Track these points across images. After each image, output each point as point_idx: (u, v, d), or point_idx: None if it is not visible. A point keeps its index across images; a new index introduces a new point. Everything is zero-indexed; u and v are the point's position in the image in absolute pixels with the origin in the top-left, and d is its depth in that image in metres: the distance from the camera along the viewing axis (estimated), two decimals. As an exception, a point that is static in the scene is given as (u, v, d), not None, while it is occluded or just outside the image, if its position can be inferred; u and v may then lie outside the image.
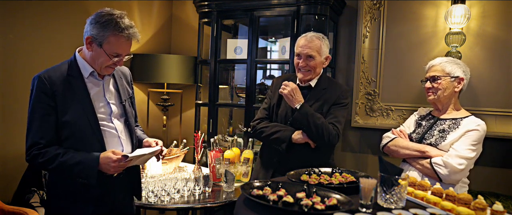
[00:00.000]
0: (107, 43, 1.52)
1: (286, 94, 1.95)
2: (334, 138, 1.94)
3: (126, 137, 1.70)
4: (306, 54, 1.99)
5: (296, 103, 1.93)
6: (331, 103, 2.01)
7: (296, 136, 1.96)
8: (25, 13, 2.42)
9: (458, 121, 1.89)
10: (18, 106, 2.42)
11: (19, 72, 2.40)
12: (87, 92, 1.58)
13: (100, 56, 1.55)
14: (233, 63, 3.21)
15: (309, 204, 1.21)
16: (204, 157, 2.87)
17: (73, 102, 1.54)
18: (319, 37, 2.03)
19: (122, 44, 1.55)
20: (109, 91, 1.68)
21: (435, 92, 1.93)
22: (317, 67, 2.02)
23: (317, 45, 2.00)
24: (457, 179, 1.79)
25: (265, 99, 2.20)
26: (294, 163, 1.96)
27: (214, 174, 2.57)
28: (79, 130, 1.54)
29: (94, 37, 1.53)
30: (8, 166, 2.38)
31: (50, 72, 1.55)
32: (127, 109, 1.73)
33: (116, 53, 1.55)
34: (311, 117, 1.89)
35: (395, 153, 1.99)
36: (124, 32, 1.52)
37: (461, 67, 1.92)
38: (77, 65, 1.60)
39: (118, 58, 1.57)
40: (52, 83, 1.51)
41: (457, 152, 1.78)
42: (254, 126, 2.13)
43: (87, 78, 1.60)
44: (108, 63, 1.57)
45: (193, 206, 2.20)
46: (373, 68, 2.97)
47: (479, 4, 2.64)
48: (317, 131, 1.89)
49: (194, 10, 3.37)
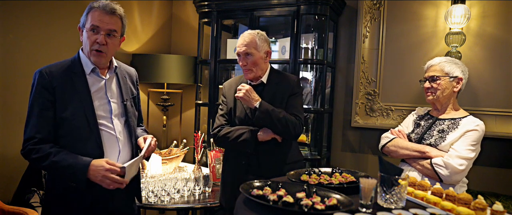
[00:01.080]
0: (87, 20, 1.56)
1: (242, 97, 1.92)
2: (299, 128, 1.95)
3: (124, 138, 1.68)
4: (243, 53, 1.98)
5: (254, 103, 1.91)
6: (287, 95, 2.01)
7: (261, 134, 1.95)
8: (25, 13, 2.42)
9: (457, 121, 1.89)
10: (18, 106, 2.42)
11: (19, 72, 2.40)
12: (87, 89, 1.57)
13: (84, 39, 1.58)
14: (233, 63, 3.21)
15: (309, 204, 1.21)
16: (204, 157, 2.87)
17: (72, 98, 1.54)
18: (253, 33, 2.02)
19: (96, 16, 1.55)
20: (111, 90, 1.66)
21: (434, 93, 1.93)
22: (258, 64, 2.00)
23: (252, 41, 1.99)
24: (458, 180, 1.79)
25: (220, 106, 2.15)
26: (264, 161, 1.98)
27: (214, 174, 2.57)
28: (76, 127, 1.53)
29: (81, 25, 1.60)
30: (8, 166, 2.38)
31: (51, 68, 1.56)
32: (129, 108, 1.71)
33: (92, 25, 1.54)
34: (272, 112, 1.89)
35: (394, 153, 1.99)
36: (98, 6, 1.56)
37: (460, 67, 1.92)
38: (80, 62, 1.60)
39: (98, 34, 1.55)
40: (52, 78, 1.52)
41: (458, 152, 1.78)
42: (215, 134, 2.06)
43: (89, 75, 1.60)
44: (91, 43, 1.55)
45: (193, 206, 2.20)
46: (373, 68, 2.97)
47: (479, 4, 2.64)
48: (281, 125, 1.89)
49: (194, 10, 3.37)
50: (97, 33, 1.55)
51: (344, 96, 3.13)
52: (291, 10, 2.77)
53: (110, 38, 1.58)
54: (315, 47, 2.91)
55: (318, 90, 2.93)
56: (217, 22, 3.03)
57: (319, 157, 2.84)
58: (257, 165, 1.99)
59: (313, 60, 2.87)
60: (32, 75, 1.57)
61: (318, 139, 2.89)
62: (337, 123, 3.16)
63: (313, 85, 2.98)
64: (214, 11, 3.02)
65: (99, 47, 1.56)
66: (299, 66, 2.79)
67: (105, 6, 1.56)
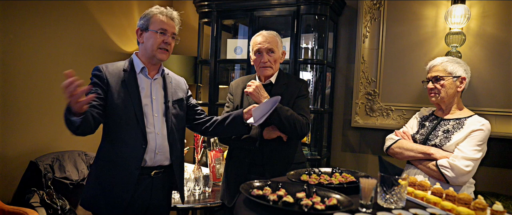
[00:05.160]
0: (152, 23, 1.75)
1: (252, 92, 1.93)
2: (305, 128, 1.94)
3: (163, 135, 1.78)
4: (267, 49, 1.98)
5: (262, 99, 1.91)
6: (295, 97, 2.01)
7: (267, 132, 1.95)
8: (25, 13, 2.42)
9: (462, 120, 1.86)
10: (18, 106, 2.42)
11: (19, 72, 2.40)
12: (136, 85, 1.74)
13: (149, 39, 1.75)
14: (233, 63, 3.21)
15: (309, 204, 1.21)
16: (204, 157, 2.87)
17: (123, 93, 1.70)
18: (273, 33, 2.04)
19: (164, 20, 1.76)
20: (156, 90, 1.80)
21: (438, 93, 1.91)
22: (277, 62, 2.03)
23: (274, 39, 2.00)
24: (465, 181, 1.76)
25: (226, 104, 2.16)
26: (267, 160, 1.97)
27: (214, 174, 2.57)
28: (124, 118, 1.68)
29: (141, 27, 1.78)
30: (8, 166, 2.38)
31: (108, 64, 1.76)
32: (170, 109, 1.82)
33: (161, 28, 1.74)
34: (280, 110, 1.89)
35: (399, 155, 1.96)
36: (162, 12, 1.79)
37: (462, 66, 1.90)
38: (132, 63, 1.79)
39: (166, 36, 1.75)
40: (107, 72, 1.71)
41: (463, 153, 1.75)
42: None
43: (138, 74, 1.77)
44: (158, 42, 1.74)
45: (193, 206, 2.20)
46: (373, 68, 2.97)
47: (479, 4, 2.64)
48: (289, 123, 1.89)
49: (194, 10, 3.37)
50: (164, 35, 1.76)
51: (344, 96, 3.13)
52: (291, 10, 2.77)
53: (173, 39, 1.82)
54: (315, 47, 2.91)
55: (318, 90, 2.93)
56: (217, 22, 3.03)
57: (319, 157, 2.84)
58: (261, 164, 1.98)
59: (313, 60, 2.88)
60: (32, 75, 1.58)
61: (318, 139, 2.89)
62: (337, 123, 3.16)
63: (313, 85, 2.98)
64: (214, 11, 3.02)
65: (166, 46, 1.77)
66: (299, 66, 2.79)
67: (168, 13, 1.80)
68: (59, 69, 2.62)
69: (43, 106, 2.56)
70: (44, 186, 2.35)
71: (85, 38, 2.84)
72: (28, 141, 2.50)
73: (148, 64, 1.79)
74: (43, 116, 2.56)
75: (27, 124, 2.48)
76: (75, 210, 2.45)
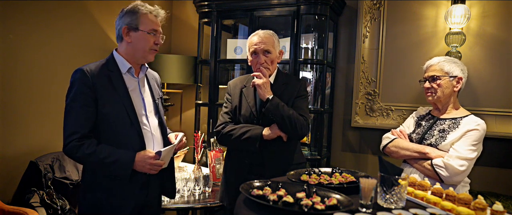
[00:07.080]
0: (142, 23, 1.65)
1: (260, 84, 1.91)
2: (305, 128, 1.94)
3: (158, 134, 1.77)
4: (262, 50, 1.97)
5: (267, 94, 1.91)
6: (294, 97, 2.01)
7: (267, 132, 1.93)
8: (25, 13, 2.42)
9: (458, 120, 1.88)
10: (18, 106, 2.42)
11: (19, 73, 2.40)
12: (125, 87, 1.66)
13: (140, 40, 1.66)
14: (233, 63, 3.21)
15: (309, 204, 1.21)
16: (204, 157, 2.87)
17: (113, 96, 1.62)
18: (269, 32, 2.01)
19: (154, 21, 1.68)
20: (144, 89, 1.77)
21: (434, 93, 1.92)
22: (274, 62, 2.01)
23: (270, 39, 1.98)
24: (459, 180, 1.78)
25: (224, 104, 2.13)
26: (267, 160, 1.97)
27: (214, 174, 2.57)
28: (118, 123, 1.62)
29: (129, 25, 1.65)
30: (8, 166, 2.38)
31: (91, 66, 1.63)
32: (160, 106, 1.81)
33: (152, 29, 1.67)
34: (282, 108, 1.89)
35: (395, 154, 1.99)
36: (152, 11, 1.69)
37: (459, 66, 1.92)
38: (115, 62, 1.69)
39: (156, 37, 1.69)
40: (93, 76, 1.59)
41: (458, 153, 1.77)
42: (219, 131, 2.04)
43: (125, 74, 1.69)
44: (150, 44, 1.67)
45: (193, 206, 2.20)
46: (373, 68, 2.97)
47: (479, 4, 2.64)
48: (290, 121, 1.88)
49: (194, 10, 3.37)
50: (155, 36, 1.69)
51: (344, 96, 3.13)
52: (291, 10, 2.77)
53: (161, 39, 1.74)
54: (315, 47, 2.91)
55: (318, 90, 2.93)
56: (217, 22, 3.03)
57: (319, 157, 2.84)
58: (261, 164, 1.97)
59: (313, 60, 2.88)
60: (32, 75, 1.58)
61: (318, 139, 2.89)
62: (337, 123, 3.16)
63: (313, 85, 2.98)
64: (214, 11, 3.02)
65: (156, 47, 1.72)
66: (299, 66, 2.79)
67: (156, 12, 1.71)
68: (59, 69, 2.62)
69: (43, 107, 2.56)
70: (44, 186, 2.35)
71: (85, 38, 2.84)
72: (28, 141, 2.50)
73: (135, 64, 1.71)
74: (43, 116, 2.56)
75: (27, 124, 2.48)
76: (75, 210, 2.45)
